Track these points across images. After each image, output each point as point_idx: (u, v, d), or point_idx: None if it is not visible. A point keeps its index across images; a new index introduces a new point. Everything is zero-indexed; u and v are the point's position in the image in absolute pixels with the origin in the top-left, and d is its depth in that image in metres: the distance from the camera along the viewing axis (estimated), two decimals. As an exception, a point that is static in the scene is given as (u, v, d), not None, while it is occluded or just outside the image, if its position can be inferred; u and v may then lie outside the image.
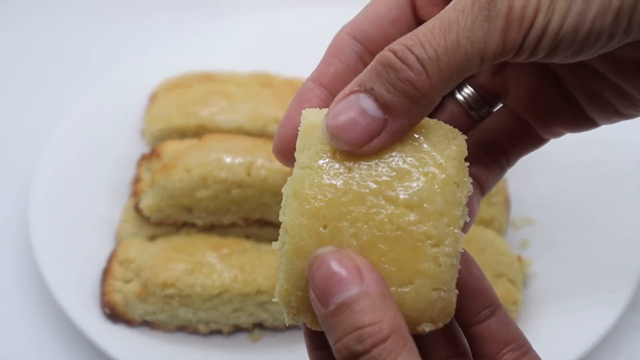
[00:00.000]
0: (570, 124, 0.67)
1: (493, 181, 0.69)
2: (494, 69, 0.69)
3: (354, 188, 0.56)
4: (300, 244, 0.55)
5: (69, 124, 1.26)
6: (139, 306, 1.03)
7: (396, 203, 0.56)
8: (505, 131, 0.69)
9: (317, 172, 0.57)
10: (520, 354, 0.61)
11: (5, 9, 1.60)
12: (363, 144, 0.56)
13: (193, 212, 1.09)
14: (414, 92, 0.54)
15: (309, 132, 0.59)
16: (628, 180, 1.17)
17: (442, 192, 0.56)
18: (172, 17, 1.57)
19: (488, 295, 0.62)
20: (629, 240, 1.10)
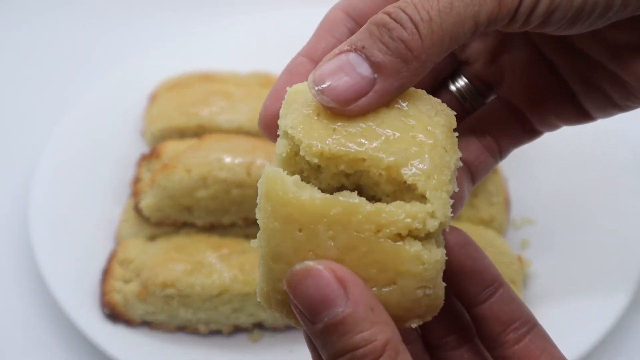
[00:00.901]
0: (565, 115, 0.66)
1: (484, 170, 0.67)
2: (489, 57, 0.68)
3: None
4: (276, 249, 0.53)
5: (69, 124, 1.26)
6: (139, 306, 1.03)
7: (381, 166, 0.54)
8: (500, 121, 0.67)
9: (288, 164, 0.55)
10: (524, 331, 0.59)
11: (5, 9, 1.60)
12: (349, 102, 0.54)
13: (193, 212, 1.09)
14: (406, 52, 0.53)
15: (293, 99, 0.57)
16: (628, 181, 1.16)
17: (430, 155, 0.54)
18: (172, 17, 1.57)
19: (487, 275, 0.59)
20: (629, 241, 1.10)
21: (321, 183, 0.57)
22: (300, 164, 0.57)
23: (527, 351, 0.58)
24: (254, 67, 1.32)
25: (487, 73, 0.68)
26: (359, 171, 0.56)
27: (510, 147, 0.68)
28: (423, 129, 0.55)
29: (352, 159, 0.54)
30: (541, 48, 0.66)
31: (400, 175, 0.53)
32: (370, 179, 0.56)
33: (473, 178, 0.66)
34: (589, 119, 0.66)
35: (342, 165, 0.55)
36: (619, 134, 1.20)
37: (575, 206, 1.17)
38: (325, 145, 0.54)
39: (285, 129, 0.55)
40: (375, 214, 0.52)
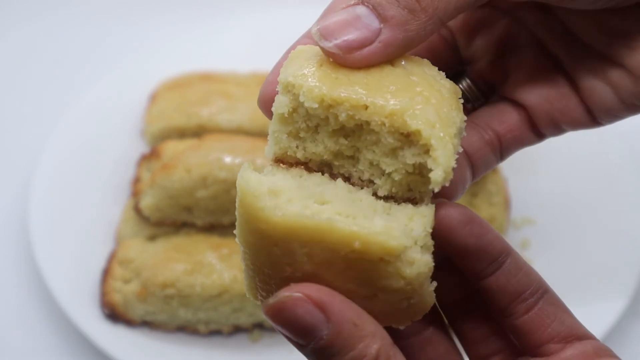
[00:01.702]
0: (570, 115, 0.64)
1: (484, 165, 0.65)
2: (493, 56, 0.67)
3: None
4: (255, 259, 0.52)
5: (69, 124, 1.26)
6: (139, 306, 1.03)
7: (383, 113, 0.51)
8: (503, 119, 0.66)
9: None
10: (534, 300, 0.57)
11: (6, 9, 1.60)
12: (352, 49, 0.52)
13: (193, 212, 1.09)
14: (413, 3, 0.52)
15: (296, 56, 0.55)
16: (628, 181, 1.16)
17: (435, 107, 0.51)
18: (172, 18, 1.57)
19: (492, 249, 0.56)
20: (629, 241, 1.10)
21: (317, 146, 0.55)
22: (298, 123, 0.55)
23: (537, 320, 0.57)
24: (254, 67, 1.32)
25: (491, 71, 0.67)
26: (359, 128, 0.53)
27: (512, 147, 0.66)
28: (428, 87, 0.53)
29: (353, 105, 0.51)
30: (546, 44, 0.64)
31: (404, 122, 0.51)
32: (370, 137, 0.53)
33: (473, 171, 0.64)
34: (595, 123, 0.65)
35: (342, 115, 0.52)
36: (618, 134, 1.20)
37: (575, 206, 1.17)
38: (327, 89, 0.52)
39: (285, 79, 0.53)
40: (348, 238, 0.48)
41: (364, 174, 0.55)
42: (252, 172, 0.52)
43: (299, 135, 0.55)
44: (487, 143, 0.64)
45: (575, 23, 0.61)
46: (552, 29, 0.62)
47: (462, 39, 0.67)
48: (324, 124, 0.54)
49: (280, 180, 0.52)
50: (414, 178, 0.54)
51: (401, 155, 0.53)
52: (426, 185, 0.53)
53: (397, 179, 0.54)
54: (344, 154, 0.55)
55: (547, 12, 0.62)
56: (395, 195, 0.55)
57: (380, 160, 0.54)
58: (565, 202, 1.18)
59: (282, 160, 0.56)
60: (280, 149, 0.56)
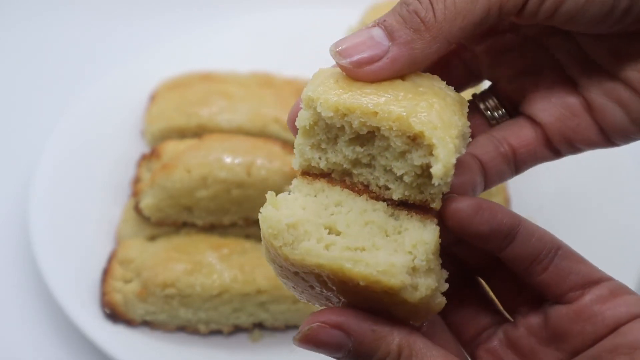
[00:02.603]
0: (585, 135, 0.67)
1: (497, 175, 0.68)
2: (513, 75, 0.70)
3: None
4: (282, 275, 0.61)
5: (70, 124, 1.26)
6: (139, 306, 1.03)
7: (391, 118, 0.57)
8: (519, 134, 0.69)
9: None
10: (548, 259, 0.62)
11: (6, 9, 1.60)
12: (363, 64, 0.59)
13: (193, 212, 1.09)
14: (418, 24, 0.59)
15: (317, 76, 0.61)
16: (628, 182, 1.17)
17: (437, 112, 0.57)
18: (172, 18, 1.57)
19: (504, 227, 0.60)
20: (629, 241, 1.10)
21: (337, 156, 0.61)
22: (319, 135, 0.61)
23: (553, 276, 0.62)
24: (254, 67, 1.32)
25: (512, 90, 0.71)
26: (372, 136, 0.59)
27: (526, 161, 0.69)
28: (433, 95, 0.59)
29: (364, 112, 0.58)
30: (564, 66, 0.68)
31: (409, 125, 0.56)
32: (381, 143, 0.59)
33: (486, 179, 0.68)
34: (610, 143, 0.68)
35: (355, 122, 0.58)
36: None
37: (575, 206, 1.17)
38: (341, 99, 0.58)
39: (306, 94, 0.59)
40: (355, 277, 0.55)
41: (379, 180, 0.61)
42: (273, 208, 0.60)
43: (321, 146, 0.62)
44: (501, 154, 0.68)
45: (591, 46, 0.65)
46: (571, 52, 0.66)
47: (487, 61, 0.72)
48: (341, 134, 0.60)
49: (299, 207, 0.59)
50: (423, 180, 0.59)
51: (409, 158, 0.58)
52: (435, 187, 0.59)
53: (407, 181, 0.59)
54: (361, 162, 0.61)
55: (567, 37, 0.66)
56: (408, 199, 0.60)
57: (392, 165, 0.60)
58: (565, 202, 1.18)
59: (308, 172, 0.63)
60: (305, 160, 0.62)
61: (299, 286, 0.60)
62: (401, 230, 0.58)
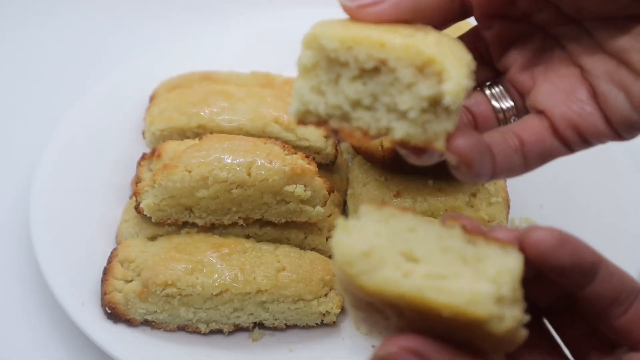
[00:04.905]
0: (588, 121, 0.66)
1: (508, 162, 0.66)
2: (523, 65, 0.69)
3: None
4: (354, 305, 0.58)
5: (70, 124, 1.26)
6: (140, 306, 1.03)
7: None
8: (528, 129, 0.67)
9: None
10: (630, 302, 0.59)
11: (7, 9, 1.60)
12: (366, 5, 0.59)
13: (194, 211, 1.09)
14: None
15: (318, 22, 0.62)
16: (627, 181, 1.17)
17: (445, 44, 0.57)
18: (173, 18, 1.58)
19: (586, 263, 0.58)
20: (629, 240, 1.10)
21: (338, 96, 0.59)
22: (320, 76, 0.60)
23: (634, 320, 0.58)
24: (254, 68, 1.32)
25: (519, 79, 0.70)
26: (376, 72, 0.57)
27: (536, 153, 0.67)
28: (439, 34, 0.59)
29: (372, 43, 0.56)
30: (573, 55, 0.67)
31: (419, 51, 0.55)
32: (387, 78, 0.57)
33: (494, 165, 0.65)
34: (616, 135, 0.66)
35: (362, 54, 0.56)
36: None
37: (574, 206, 1.17)
38: (347, 31, 0.57)
39: (309, 33, 0.58)
40: (438, 308, 0.52)
41: (381, 121, 0.59)
42: (345, 235, 0.55)
43: (321, 88, 0.60)
44: (509, 145, 0.66)
45: (600, 31, 0.64)
46: (580, 40, 0.65)
47: (497, 49, 0.71)
48: (344, 71, 0.58)
49: (372, 233, 0.55)
50: (429, 117, 0.57)
51: (417, 90, 0.56)
52: (440, 123, 0.57)
53: (412, 116, 0.57)
54: (362, 104, 0.59)
55: (577, 26, 0.65)
56: (410, 140, 0.58)
57: (396, 100, 0.57)
58: (564, 202, 1.18)
59: (304, 120, 0.61)
60: (303, 104, 0.61)
61: (372, 317, 0.57)
62: (481, 257, 0.54)
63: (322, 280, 1.04)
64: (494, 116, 0.71)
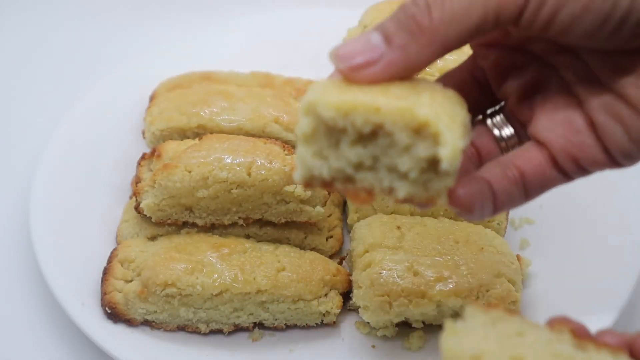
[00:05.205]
0: (587, 152, 0.67)
1: (509, 197, 0.67)
2: (522, 95, 0.70)
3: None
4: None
5: (70, 124, 1.26)
6: (140, 305, 1.03)
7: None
8: (529, 157, 0.68)
9: None
10: None
11: (7, 9, 1.60)
12: (359, 68, 0.59)
13: (194, 211, 1.09)
14: (413, 27, 0.59)
15: (314, 86, 0.61)
16: (627, 181, 1.17)
17: (440, 104, 0.57)
18: (173, 19, 1.58)
19: None
20: (628, 240, 1.10)
21: (340, 160, 0.59)
22: (320, 141, 0.59)
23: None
24: (254, 68, 1.33)
25: (520, 111, 0.71)
26: (374, 134, 0.58)
27: (537, 184, 0.68)
28: (433, 91, 0.59)
29: (367, 109, 0.57)
30: (570, 84, 0.68)
31: (413, 115, 0.55)
32: (385, 140, 0.58)
33: (495, 201, 0.66)
34: (615, 163, 0.67)
35: (358, 120, 0.57)
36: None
37: (574, 206, 1.17)
38: (342, 98, 0.57)
39: (306, 101, 0.58)
40: None
41: (384, 181, 0.60)
42: (454, 338, 0.55)
43: (322, 153, 0.61)
44: (509, 177, 0.67)
45: (595, 64, 0.65)
46: (577, 70, 0.66)
47: (495, 79, 0.72)
48: (343, 136, 0.59)
49: (481, 337, 0.55)
50: (428, 176, 0.58)
51: (414, 152, 0.57)
52: (440, 180, 0.57)
53: (413, 177, 0.58)
54: (364, 166, 0.60)
55: (574, 55, 0.66)
56: (414, 197, 0.59)
57: (396, 162, 0.58)
58: (564, 203, 1.18)
59: (311, 184, 0.61)
60: (307, 170, 0.61)
61: None
62: None
63: (322, 280, 1.04)
64: (496, 146, 0.72)
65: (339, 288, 1.06)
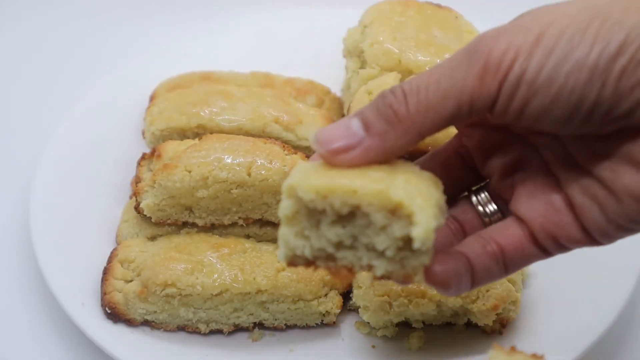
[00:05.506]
0: (566, 231, 0.68)
1: (487, 273, 0.69)
2: (504, 172, 0.72)
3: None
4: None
5: (70, 124, 1.26)
6: (140, 306, 1.03)
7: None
8: (508, 233, 0.70)
9: None
10: None
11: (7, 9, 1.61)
12: (338, 152, 0.63)
13: (194, 211, 1.09)
14: (392, 117, 0.62)
15: (297, 169, 0.65)
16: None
17: (415, 185, 0.60)
18: (172, 18, 1.58)
19: None
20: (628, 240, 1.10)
21: (320, 240, 0.63)
22: (301, 222, 0.63)
23: None
24: (254, 68, 1.33)
25: (500, 186, 0.73)
26: (353, 215, 0.61)
27: (516, 259, 0.70)
28: (409, 173, 0.63)
29: (345, 191, 0.60)
30: (550, 164, 0.70)
31: (388, 197, 0.59)
32: (363, 221, 0.61)
33: (473, 275, 0.68)
34: (594, 242, 0.69)
35: (337, 202, 0.60)
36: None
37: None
38: (321, 181, 0.61)
39: (288, 184, 0.62)
40: None
41: (362, 259, 0.63)
42: None
43: (304, 233, 0.64)
44: (488, 252, 0.69)
45: (573, 146, 0.67)
46: (556, 151, 0.68)
47: (479, 157, 0.74)
48: (323, 217, 0.63)
49: None
50: (405, 254, 0.61)
51: (390, 231, 0.60)
52: (416, 258, 0.61)
53: (390, 255, 0.61)
54: (344, 245, 0.63)
55: (553, 136, 0.68)
56: (391, 275, 0.62)
57: (374, 241, 0.62)
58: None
59: (294, 263, 0.65)
60: (290, 250, 0.64)
61: None
62: None
63: (322, 280, 1.04)
64: (480, 222, 0.74)
65: (339, 288, 1.06)
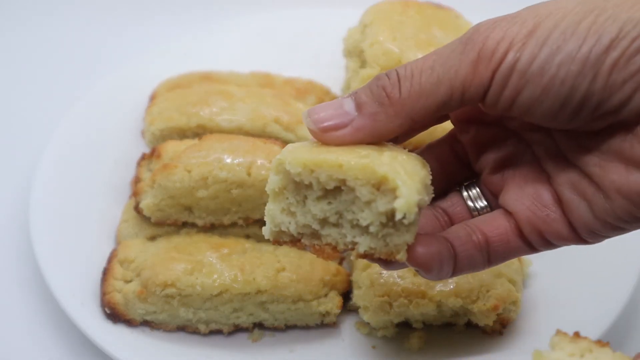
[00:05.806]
0: (552, 226, 0.69)
1: (469, 261, 0.69)
2: (495, 166, 0.73)
3: None
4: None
5: (70, 124, 1.26)
6: (139, 306, 1.03)
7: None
8: (495, 225, 0.71)
9: None
10: None
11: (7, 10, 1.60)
12: (329, 130, 0.65)
13: (193, 212, 1.09)
14: (384, 98, 0.64)
15: (287, 146, 0.67)
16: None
17: (400, 163, 0.62)
18: (172, 18, 1.58)
19: None
20: (629, 240, 1.10)
21: (306, 216, 0.64)
22: (288, 199, 0.65)
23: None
24: (254, 68, 1.33)
25: (491, 180, 0.74)
26: (338, 190, 0.62)
27: (500, 251, 0.71)
28: (396, 152, 0.64)
29: (330, 165, 0.61)
30: (541, 160, 0.70)
31: (373, 171, 0.60)
32: (348, 196, 0.62)
33: (456, 262, 0.69)
34: (580, 239, 0.69)
35: (323, 175, 0.62)
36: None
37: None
38: (308, 155, 0.63)
39: (277, 159, 0.63)
40: None
41: (346, 236, 0.64)
42: None
43: (290, 210, 0.65)
44: (473, 241, 0.70)
45: (564, 142, 0.68)
46: (547, 147, 0.69)
47: (473, 152, 0.75)
48: (309, 192, 0.64)
49: None
50: (388, 231, 0.62)
51: (374, 207, 0.61)
52: (399, 236, 0.62)
53: (373, 231, 0.62)
54: (329, 222, 0.64)
55: (546, 133, 0.69)
56: (374, 252, 0.63)
57: (358, 217, 0.63)
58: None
59: (279, 240, 0.67)
60: (275, 225, 0.66)
61: None
62: None
63: (322, 280, 1.04)
64: (469, 217, 0.75)
65: (339, 288, 1.06)
